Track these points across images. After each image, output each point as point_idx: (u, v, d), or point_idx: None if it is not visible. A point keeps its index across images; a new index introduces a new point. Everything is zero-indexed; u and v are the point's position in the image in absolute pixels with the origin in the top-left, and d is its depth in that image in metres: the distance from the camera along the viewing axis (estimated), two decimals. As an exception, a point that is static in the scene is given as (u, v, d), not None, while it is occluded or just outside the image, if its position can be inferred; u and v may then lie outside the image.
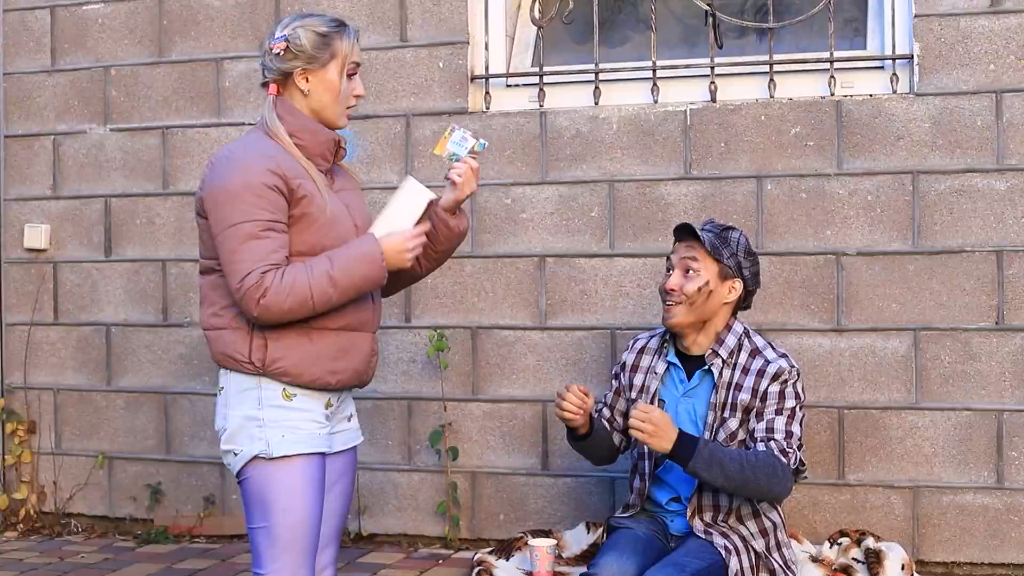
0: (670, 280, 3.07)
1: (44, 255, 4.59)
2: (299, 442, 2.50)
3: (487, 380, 4.07)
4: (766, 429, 2.96)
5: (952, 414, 3.67)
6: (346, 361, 2.56)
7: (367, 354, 2.62)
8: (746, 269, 3.09)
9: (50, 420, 4.59)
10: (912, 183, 3.71)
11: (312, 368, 2.51)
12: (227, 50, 4.35)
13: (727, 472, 2.86)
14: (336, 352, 2.54)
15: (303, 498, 2.49)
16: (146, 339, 4.46)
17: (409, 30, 4.16)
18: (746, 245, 3.10)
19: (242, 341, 2.50)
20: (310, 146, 2.56)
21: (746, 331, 3.10)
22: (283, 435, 2.49)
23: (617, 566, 2.88)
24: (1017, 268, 3.62)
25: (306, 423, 2.52)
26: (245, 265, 2.41)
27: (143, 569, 3.95)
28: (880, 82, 3.79)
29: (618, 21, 4.26)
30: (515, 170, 4.04)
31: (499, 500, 4.06)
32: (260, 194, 2.43)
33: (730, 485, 2.89)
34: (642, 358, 3.20)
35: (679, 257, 3.08)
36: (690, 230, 3.07)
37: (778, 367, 3.02)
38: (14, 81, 4.63)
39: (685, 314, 3.04)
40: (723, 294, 3.07)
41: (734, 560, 2.92)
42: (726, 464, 2.86)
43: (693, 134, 3.88)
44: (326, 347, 2.53)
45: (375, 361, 2.67)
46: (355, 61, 2.59)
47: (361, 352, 2.59)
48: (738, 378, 3.03)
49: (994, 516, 3.63)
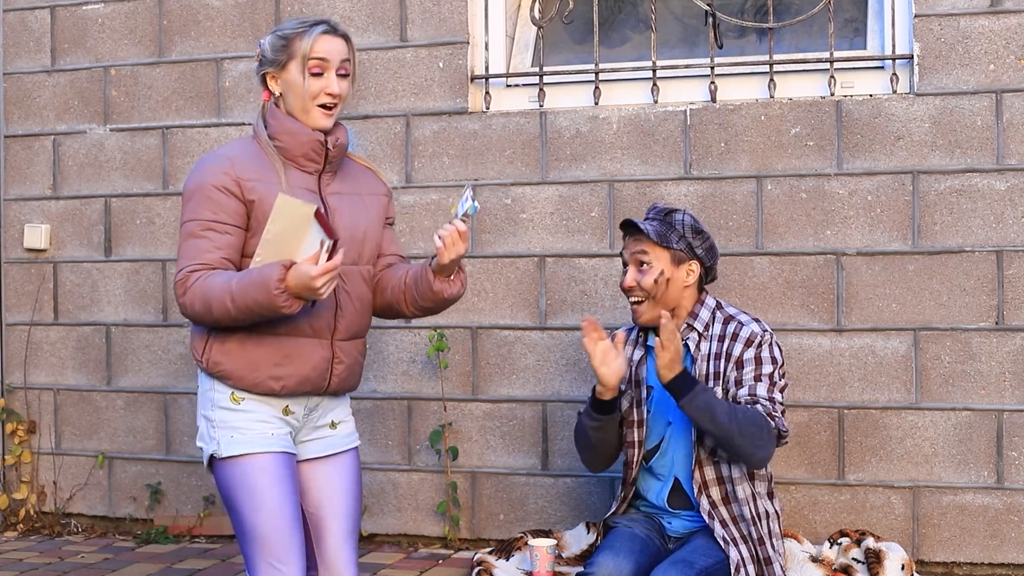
0: (626, 278, 3.08)
1: (44, 255, 4.59)
2: (247, 442, 2.53)
3: (487, 380, 4.07)
4: (748, 394, 2.96)
5: (952, 414, 3.67)
6: (291, 367, 2.55)
7: (319, 361, 2.58)
8: (698, 248, 3.09)
9: (50, 420, 4.59)
10: (912, 183, 3.71)
11: (252, 373, 2.54)
12: (227, 50, 4.36)
13: (716, 417, 2.86)
14: (280, 358, 2.54)
15: (266, 496, 2.51)
16: (146, 339, 4.46)
17: (409, 30, 4.16)
18: (692, 223, 3.08)
19: (200, 340, 2.59)
20: (290, 147, 2.59)
21: (719, 304, 3.12)
22: (231, 435, 2.54)
23: (613, 565, 2.88)
24: (1017, 268, 3.62)
25: (255, 423, 2.55)
26: (181, 262, 2.51)
27: (143, 569, 3.95)
28: (880, 82, 3.79)
29: (618, 21, 4.26)
30: (515, 170, 4.04)
31: (499, 500, 4.06)
32: (208, 195, 2.50)
33: (718, 432, 2.88)
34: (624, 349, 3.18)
35: (630, 253, 3.09)
36: (633, 224, 3.07)
37: (750, 331, 3.03)
38: (14, 81, 4.63)
39: (651, 309, 3.05)
40: (681, 278, 3.07)
41: (734, 551, 2.93)
42: (717, 410, 2.86)
43: (693, 134, 3.88)
44: (269, 353, 2.54)
45: (341, 369, 2.62)
46: (318, 57, 2.56)
47: (310, 359, 2.56)
48: (715, 347, 3.05)
49: (994, 516, 3.63)
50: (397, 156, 4.15)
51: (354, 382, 2.72)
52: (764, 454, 2.93)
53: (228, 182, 2.51)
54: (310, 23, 2.60)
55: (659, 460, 3.11)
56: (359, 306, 2.66)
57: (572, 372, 3.98)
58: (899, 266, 3.71)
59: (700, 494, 3.01)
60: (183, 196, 2.56)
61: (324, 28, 2.58)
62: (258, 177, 2.54)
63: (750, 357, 3.00)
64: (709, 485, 3.01)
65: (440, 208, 4.09)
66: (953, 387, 3.67)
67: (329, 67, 2.57)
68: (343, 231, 2.59)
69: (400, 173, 4.13)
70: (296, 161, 2.59)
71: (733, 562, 2.92)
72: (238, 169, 2.53)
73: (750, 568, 2.94)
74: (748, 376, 2.99)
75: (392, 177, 4.13)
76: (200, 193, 2.51)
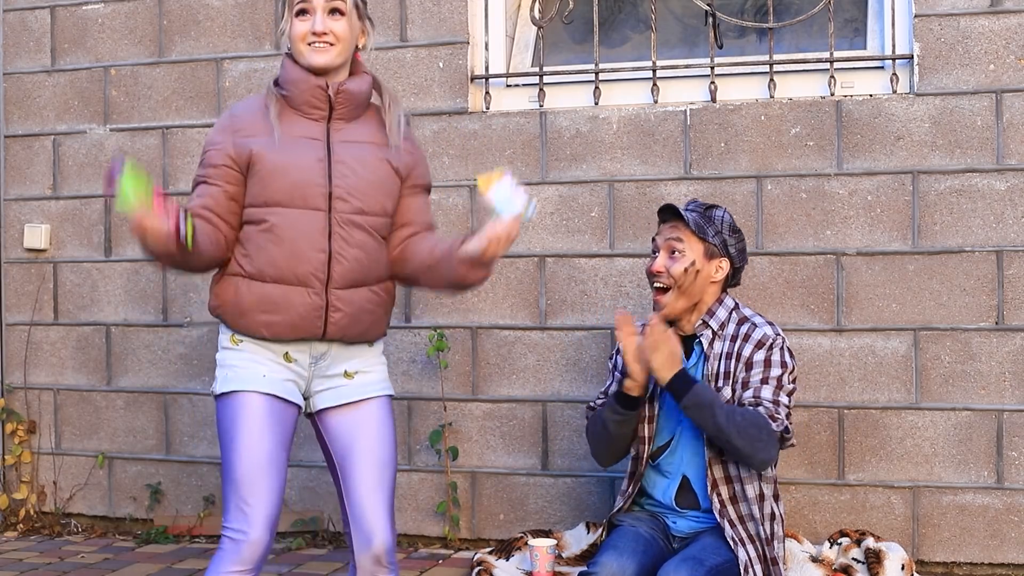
0: (656, 262, 3.06)
1: (44, 255, 4.59)
2: (238, 380, 2.58)
3: (487, 380, 4.07)
4: (753, 396, 2.95)
5: (952, 414, 3.67)
6: (277, 315, 2.59)
7: (308, 308, 2.59)
8: (732, 247, 3.09)
9: (50, 420, 4.59)
10: (912, 183, 3.71)
11: (242, 318, 2.61)
12: (227, 50, 4.36)
13: (716, 417, 2.85)
14: (267, 305, 2.59)
15: (243, 433, 2.53)
16: (146, 339, 4.46)
17: (409, 30, 4.16)
18: (731, 222, 3.09)
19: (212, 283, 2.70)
20: (293, 96, 2.64)
21: (736, 305, 3.11)
22: (227, 374, 2.60)
23: (617, 565, 2.87)
24: (1017, 268, 3.62)
25: (248, 363, 2.60)
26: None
27: (143, 569, 3.95)
28: (880, 82, 3.79)
29: (618, 21, 4.26)
30: (515, 170, 4.04)
31: (499, 500, 4.06)
32: (206, 149, 2.63)
33: (717, 433, 2.87)
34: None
35: (664, 239, 3.07)
36: (674, 210, 3.06)
37: (763, 333, 3.02)
38: (14, 81, 4.63)
39: (675, 299, 3.04)
40: (710, 273, 3.06)
41: (742, 551, 2.92)
42: (717, 410, 2.86)
43: (693, 134, 3.88)
44: (256, 299, 2.60)
45: (338, 317, 2.61)
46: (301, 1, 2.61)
47: (296, 306, 2.59)
48: (728, 347, 3.04)
49: (994, 516, 3.63)
50: (397, 156, 4.14)
51: (364, 331, 2.67)
52: (765, 456, 2.93)
53: (224, 136, 2.61)
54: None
55: (668, 458, 3.10)
56: (362, 255, 2.63)
57: (572, 372, 3.98)
58: (899, 266, 3.71)
59: (712, 492, 3.00)
60: None
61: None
62: (256, 131, 2.60)
63: (760, 359, 2.99)
64: (719, 484, 3.01)
65: (440, 208, 4.08)
66: (953, 387, 3.67)
67: (313, 8, 2.61)
68: (345, 179, 2.61)
69: (400, 173, 4.13)
70: (301, 109, 2.63)
71: (742, 562, 2.91)
72: (237, 123, 2.63)
73: (758, 568, 2.94)
74: (755, 378, 2.98)
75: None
76: (204, 151, 2.64)
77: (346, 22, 2.63)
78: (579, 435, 3.97)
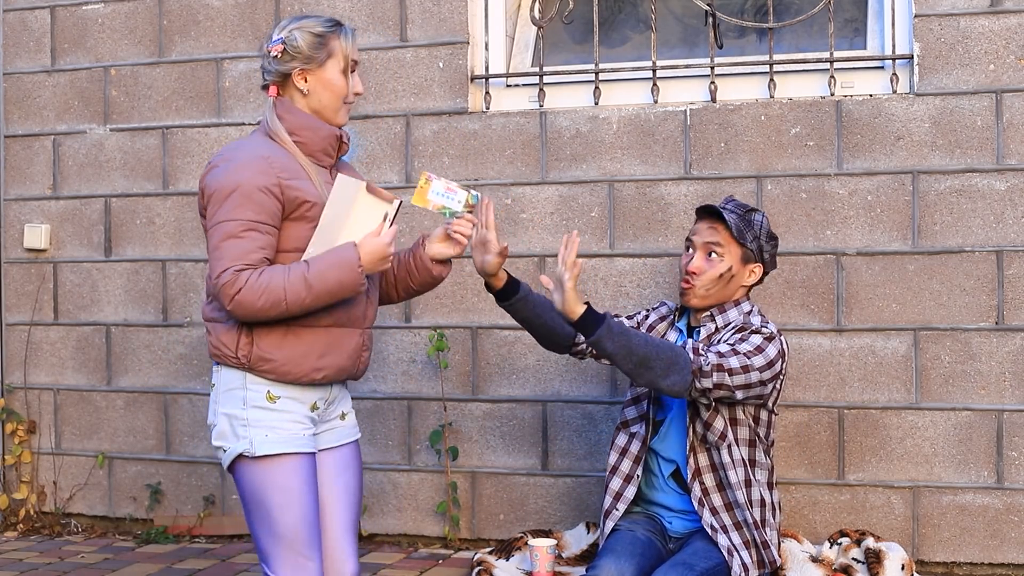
0: (693, 262, 3.06)
1: (44, 255, 4.59)
2: (282, 441, 2.55)
3: (487, 380, 4.07)
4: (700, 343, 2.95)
5: (952, 414, 3.67)
6: (331, 357, 2.61)
7: (354, 349, 2.65)
8: (767, 252, 3.11)
9: (50, 420, 4.59)
10: (912, 183, 3.71)
11: (298, 366, 2.56)
12: (227, 50, 4.36)
13: (631, 345, 2.78)
14: (323, 348, 2.59)
15: (297, 496, 2.55)
16: (146, 339, 4.46)
17: (409, 30, 4.16)
18: (768, 228, 3.12)
19: (230, 336, 2.56)
20: (311, 143, 2.62)
21: (752, 311, 3.11)
22: (266, 434, 2.55)
23: (615, 568, 2.88)
24: (1017, 268, 3.62)
25: (289, 424, 2.58)
26: (223, 263, 2.47)
27: (143, 569, 3.95)
28: (880, 82, 3.79)
29: (618, 21, 4.26)
30: (515, 170, 4.04)
31: (499, 500, 4.06)
32: (247, 195, 2.49)
33: (631, 359, 2.79)
34: (660, 324, 3.23)
35: (702, 240, 3.07)
36: (715, 211, 3.07)
37: (747, 320, 3.04)
38: (14, 81, 4.63)
39: (703, 296, 3.07)
40: (743, 278, 3.09)
41: (723, 538, 2.93)
42: (631, 338, 2.79)
43: (693, 134, 3.88)
44: (312, 344, 2.57)
45: (367, 356, 2.71)
46: (354, 59, 2.66)
47: (346, 348, 2.63)
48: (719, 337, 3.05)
49: (994, 516, 3.63)
50: (397, 156, 4.15)
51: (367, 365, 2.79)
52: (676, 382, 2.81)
53: (268, 182, 2.50)
54: (333, 21, 2.65)
55: (659, 443, 3.12)
56: (375, 294, 2.74)
57: (572, 372, 3.98)
58: (899, 266, 3.71)
59: (693, 480, 3.01)
60: (214, 194, 2.51)
61: (350, 29, 2.67)
62: (294, 174, 2.56)
63: (735, 338, 2.98)
64: (703, 472, 3.02)
65: (440, 208, 4.09)
66: (953, 387, 3.67)
67: (356, 67, 2.69)
68: None
69: (400, 173, 4.13)
70: (314, 156, 2.63)
71: (724, 548, 2.92)
72: (276, 168, 2.53)
73: (744, 554, 2.94)
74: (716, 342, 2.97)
75: (392, 177, 4.13)
76: (238, 193, 2.49)
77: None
78: (579, 435, 3.97)
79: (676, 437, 3.09)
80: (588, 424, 3.97)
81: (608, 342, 2.78)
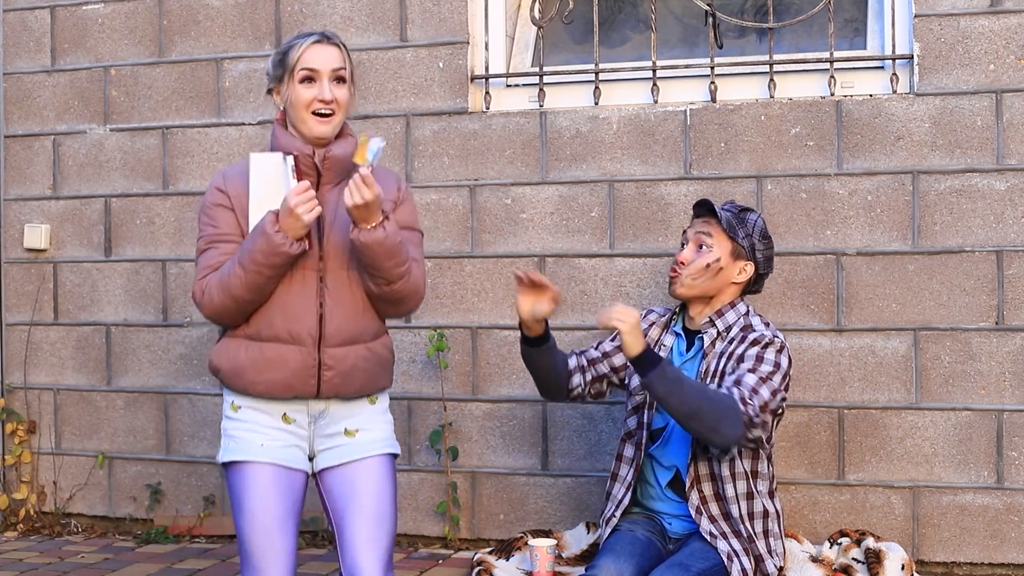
0: (682, 253, 3.12)
1: (44, 255, 4.59)
2: (238, 450, 2.65)
3: (487, 380, 4.07)
4: (734, 381, 2.93)
5: (952, 414, 3.67)
6: (272, 373, 2.62)
7: (300, 368, 2.62)
8: (760, 252, 3.11)
9: (50, 420, 4.59)
10: (912, 183, 3.71)
11: (238, 378, 2.65)
12: (227, 50, 4.36)
13: (683, 394, 2.81)
14: (262, 363, 2.63)
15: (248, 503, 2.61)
16: (146, 339, 4.46)
17: (409, 30, 4.16)
18: (763, 228, 3.13)
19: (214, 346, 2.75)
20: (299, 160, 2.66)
21: (748, 312, 3.12)
22: (229, 443, 2.68)
23: (614, 568, 2.88)
24: (1017, 268, 3.62)
25: (246, 432, 2.66)
26: (197, 275, 2.66)
27: (143, 569, 3.95)
28: (880, 82, 3.79)
29: (618, 21, 4.26)
30: (515, 170, 4.04)
31: (499, 500, 4.06)
32: (207, 212, 2.68)
33: (682, 408, 2.82)
34: (651, 330, 3.23)
35: (694, 232, 3.13)
36: (708, 206, 3.12)
37: (759, 333, 3.03)
38: (14, 81, 4.63)
39: (690, 285, 3.08)
40: (732, 273, 3.09)
41: (723, 543, 2.93)
42: (684, 386, 2.82)
43: (693, 134, 3.88)
44: (252, 359, 2.64)
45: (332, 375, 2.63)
46: (307, 68, 2.61)
47: (291, 366, 2.62)
48: (725, 347, 3.05)
49: (994, 516, 3.63)
50: (397, 156, 4.15)
51: (360, 388, 2.70)
52: (728, 435, 2.84)
53: (220, 197, 2.66)
54: (304, 34, 2.67)
55: (660, 449, 3.11)
56: (352, 312, 2.67)
57: (572, 372, 3.98)
58: (899, 266, 3.71)
59: (691, 488, 3.01)
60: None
61: (315, 38, 2.64)
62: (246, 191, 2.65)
63: (752, 355, 2.99)
64: (702, 480, 3.02)
65: (440, 208, 4.09)
66: (953, 387, 3.67)
67: (320, 75, 2.62)
68: (336, 241, 2.64)
69: (400, 173, 4.12)
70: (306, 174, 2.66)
71: (724, 552, 2.92)
72: (229, 183, 2.67)
73: (743, 560, 2.94)
74: (742, 369, 2.97)
75: (392, 177, 4.13)
76: (203, 213, 2.69)
77: (347, 89, 2.66)
78: (579, 435, 3.97)
79: (677, 444, 3.09)
80: (588, 424, 3.97)
81: (659, 386, 2.82)
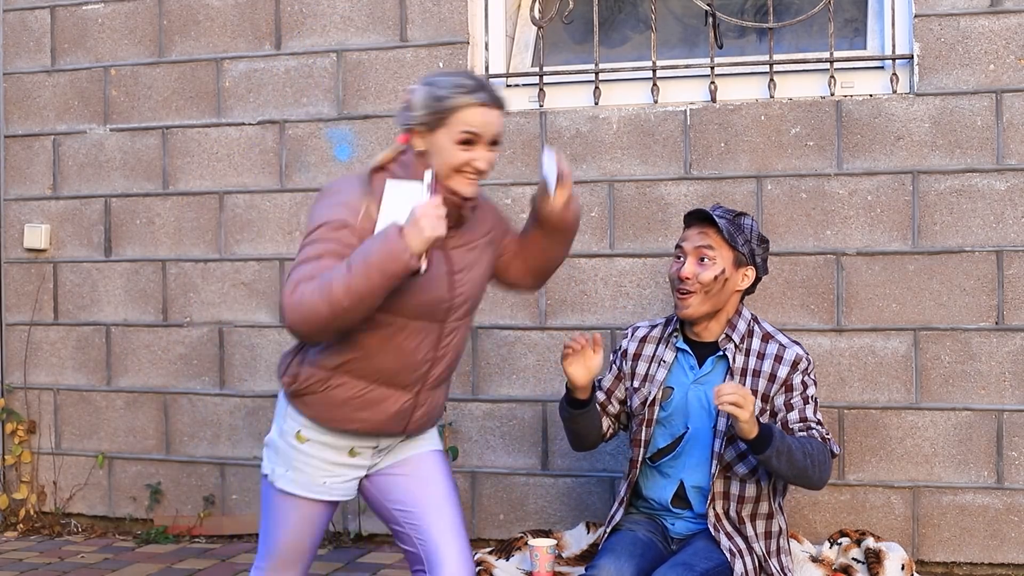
0: (684, 268, 3.00)
1: (44, 255, 4.59)
2: (298, 484, 2.55)
3: (487, 380, 4.07)
4: (800, 419, 2.95)
5: (952, 414, 3.67)
6: (368, 413, 2.52)
7: (396, 412, 2.54)
8: (759, 256, 3.08)
9: (50, 420, 4.59)
10: (912, 183, 3.71)
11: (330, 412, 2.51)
12: (227, 50, 4.36)
13: (793, 459, 2.84)
14: (361, 404, 2.50)
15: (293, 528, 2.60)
16: (146, 339, 4.46)
17: (409, 30, 4.16)
18: (758, 231, 3.08)
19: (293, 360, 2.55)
20: None
21: (754, 317, 3.10)
22: (286, 471, 2.56)
23: (615, 568, 2.87)
24: (1017, 268, 3.62)
25: (310, 469, 2.54)
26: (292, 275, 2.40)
27: (143, 569, 3.95)
28: (880, 82, 3.79)
29: (618, 21, 4.26)
30: (515, 170, 4.04)
31: (499, 500, 4.06)
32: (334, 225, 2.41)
33: (791, 472, 2.86)
34: (645, 346, 3.15)
35: (693, 245, 3.01)
36: (705, 216, 3.03)
37: (795, 354, 3.01)
38: (14, 81, 4.63)
39: (700, 304, 2.99)
40: (736, 281, 3.04)
41: (739, 564, 2.91)
42: (794, 452, 2.85)
43: (693, 134, 3.88)
44: (351, 396, 2.49)
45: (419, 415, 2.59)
46: (470, 132, 2.38)
47: (388, 409, 2.52)
48: (753, 364, 3.01)
49: (994, 516, 3.63)
50: (397, 156, 4.14)
51: (433, 421, 2.68)
52: (825, 479, 2.96)
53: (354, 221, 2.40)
54: (470, 87, 2.40)
55: (670, 462, 3.08)
56: (455, 356, 2.61)
57: (572, 372, 3.98)
58: (899, 266, 3.71)
59: (710, 505, 2.99)
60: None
61: (483, 99, 2.39)
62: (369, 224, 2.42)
63: (798, 382, 2.99)
64: (717, 498, 3.00)
65: (440, 208, 4.09)
66: (953, 387, 3.67)
67: (481, 140, 2.40)
68: (463, 288, 2.53)
69: (400, 173, 4.12)
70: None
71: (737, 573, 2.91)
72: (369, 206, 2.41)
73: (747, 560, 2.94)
74: (797, 399, 2.98)
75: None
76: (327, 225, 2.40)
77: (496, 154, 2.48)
78: (579, 435, 3.97)
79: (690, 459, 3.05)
80: (588, 424, 3.97)
81: (775, 460, 2.84)
